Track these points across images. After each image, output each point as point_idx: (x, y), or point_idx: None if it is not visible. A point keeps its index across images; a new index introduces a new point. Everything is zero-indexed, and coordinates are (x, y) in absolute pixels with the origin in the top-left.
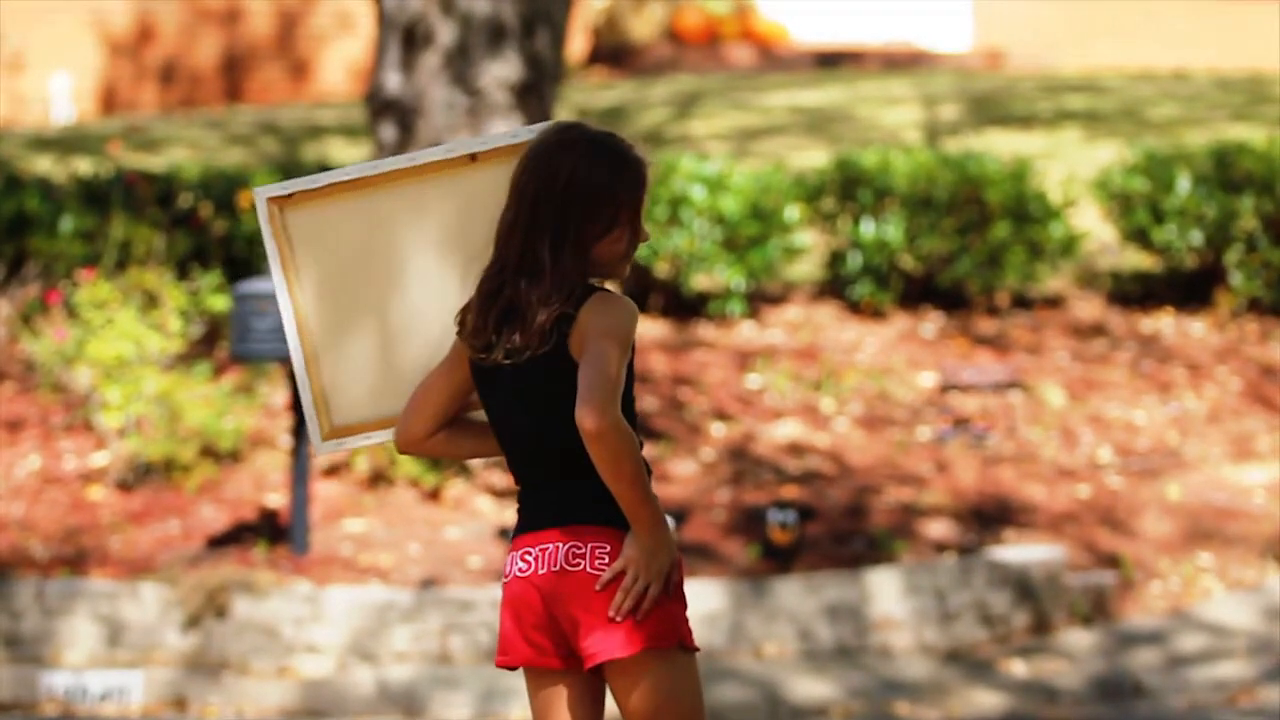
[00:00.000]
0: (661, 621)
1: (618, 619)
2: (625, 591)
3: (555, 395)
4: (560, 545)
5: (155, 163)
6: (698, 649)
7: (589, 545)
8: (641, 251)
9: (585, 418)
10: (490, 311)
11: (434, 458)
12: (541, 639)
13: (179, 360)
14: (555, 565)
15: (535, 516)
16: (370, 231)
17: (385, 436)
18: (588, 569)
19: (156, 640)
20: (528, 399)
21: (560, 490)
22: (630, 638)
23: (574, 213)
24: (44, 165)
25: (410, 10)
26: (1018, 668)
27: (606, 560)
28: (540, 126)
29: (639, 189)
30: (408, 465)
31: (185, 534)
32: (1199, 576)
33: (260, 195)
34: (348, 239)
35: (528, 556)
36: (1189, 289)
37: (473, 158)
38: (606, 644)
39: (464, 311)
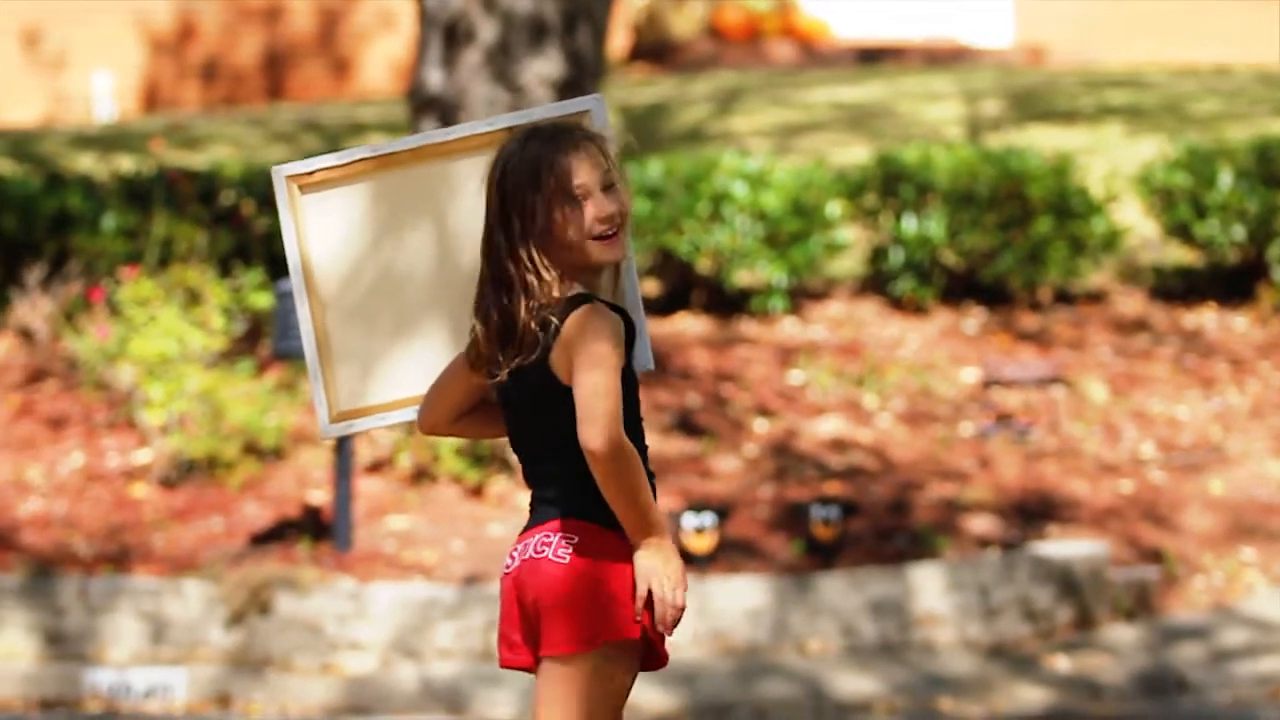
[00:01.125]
0: (621, 615)
1: (668, 634)
2: (662, 602)
3: (545, 403)
4: (535, 537)
5: (197, 160)
6: (634, 637)
7: (558, 535)
8: (683, 248)
9: (588, 439)
10: (493, 338)
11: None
12: (517, 635)
13: (221, 357)
14: (526, 556)
15: (533, 516)
16: (393, 210)
17: (396, 418)
18: (550, 556)
19: (200, 637)
20: (524, 405)
21: (554, 491)
22: (581, 630)
23: (512, 215)
24: (86, 163)
25: (452, 7)
26: (1061, 663)
27: (570, 549)
28: (578, 102)
29: (558, 165)
30: (450, 462)
31: (228, 531)
32: (1242, 571)
33: (279, 173)
34: (370, 217)
35: (514, 553)
36: (1231, 284)
37: (509, 131)
38: (551, 639)
39: (472, 345)
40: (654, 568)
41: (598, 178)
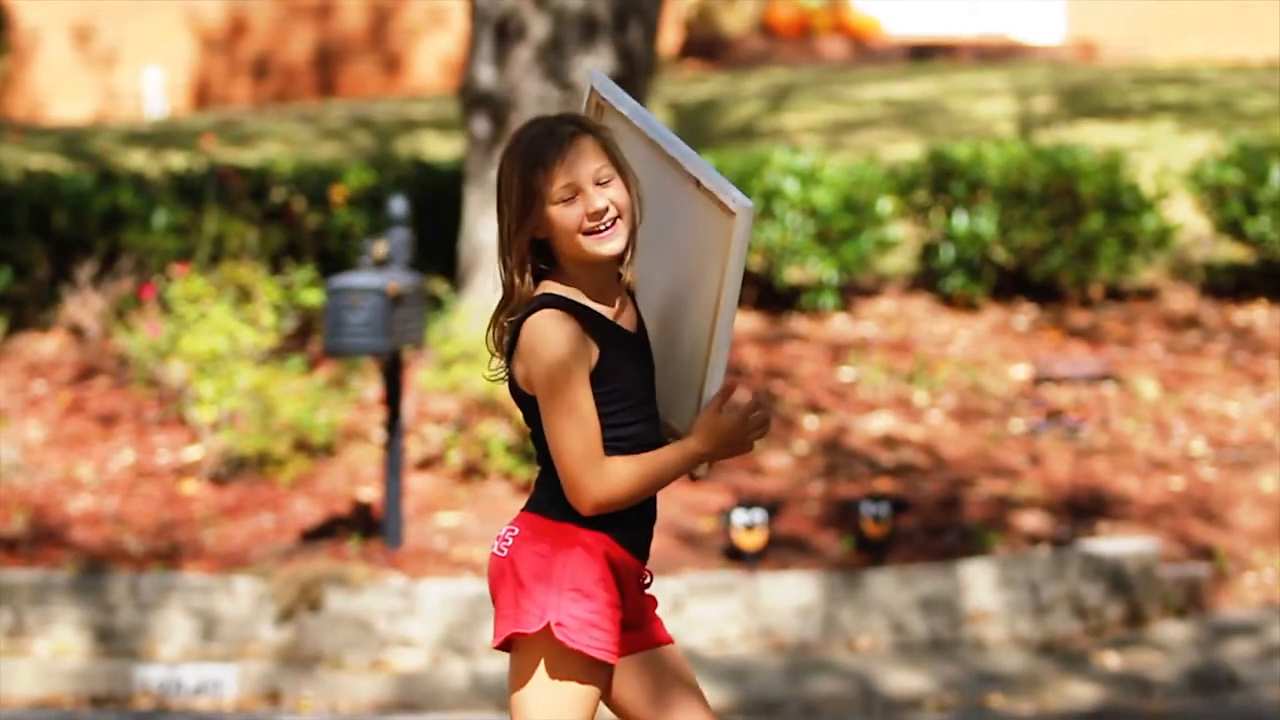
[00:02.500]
0: (528, 607)
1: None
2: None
3: (523, 406)
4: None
5: (248, 157)
6: (578, 650)
7: (511, 529)
8: None
9: (572, 503)
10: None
11: None
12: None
13: (272, 354)
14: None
15: None
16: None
17: None
18: (495, 550)
19: (250, 634)
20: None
21: (535, 485)
22: (500, 625)
23: (505, 212)
24: (137, 160)
25: (503, 4)
26: (1111, 660)
27: (509, 543)
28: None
29: (547, 161)
30: (501, 459)
31: (279, 528)
32: None
33: (596, 77)
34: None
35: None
36: None
37: (696, 183)
38: (499, 626)
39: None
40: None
41: (590, 172)
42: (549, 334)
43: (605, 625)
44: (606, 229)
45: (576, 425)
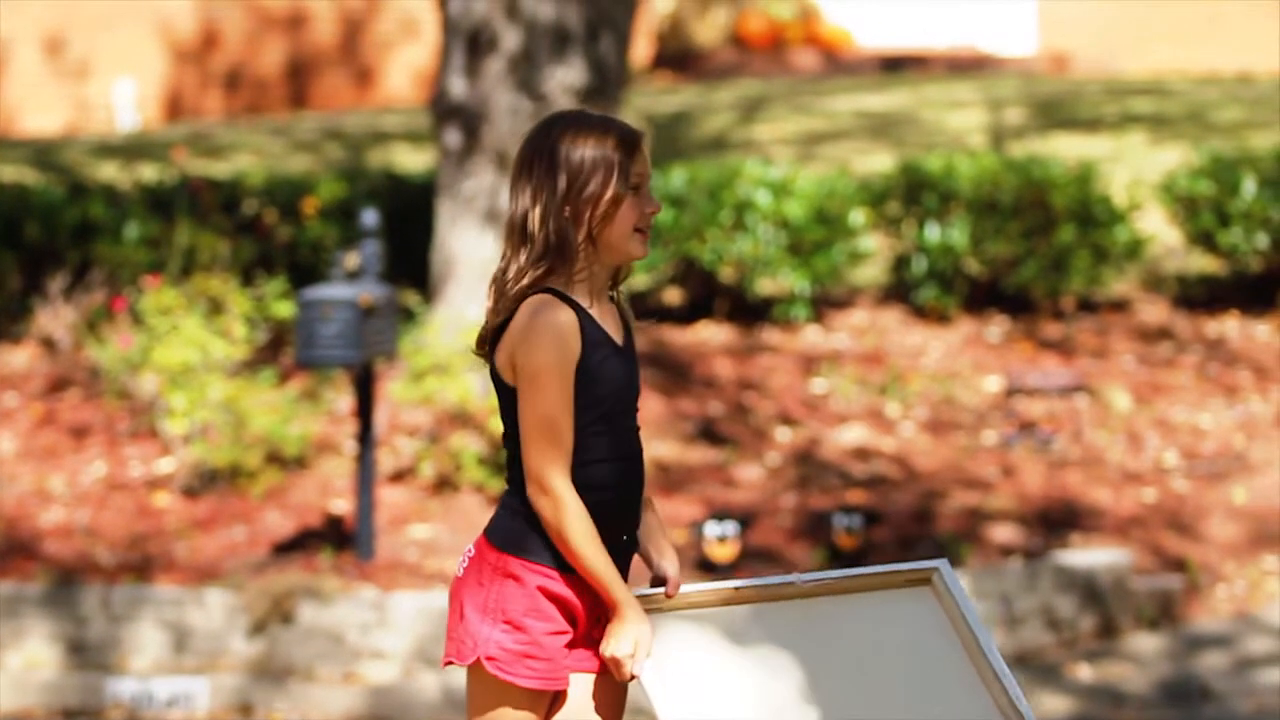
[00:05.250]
0: (464, 638)
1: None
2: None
3: (501, 400)
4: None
5: (220, 169)
6: (509, 681)
7: (468, 548)
8: (706, 256)
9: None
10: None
11: None
12: None
13: (244, 367)
14: None
15: None
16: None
17: None
18: (458, 570)
19: (222, 646)
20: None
21: (502, 498)
22: (446, 646)
23: (557, 181)
24: (109, 172)
25: (475, 16)
26: (1084, 672)
27: (465, 564)
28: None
29: (636, 139)
30: (473, 471)
31: (251, 540)
32: (1265, 580)
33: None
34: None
35: None
36: (1255, 292)
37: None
38: (446, 648)
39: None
40: (610, 626)
41: (647, 173)
42: (548, 325)
43: (541, 654)
44: (646, 230)
45: (548, 419)
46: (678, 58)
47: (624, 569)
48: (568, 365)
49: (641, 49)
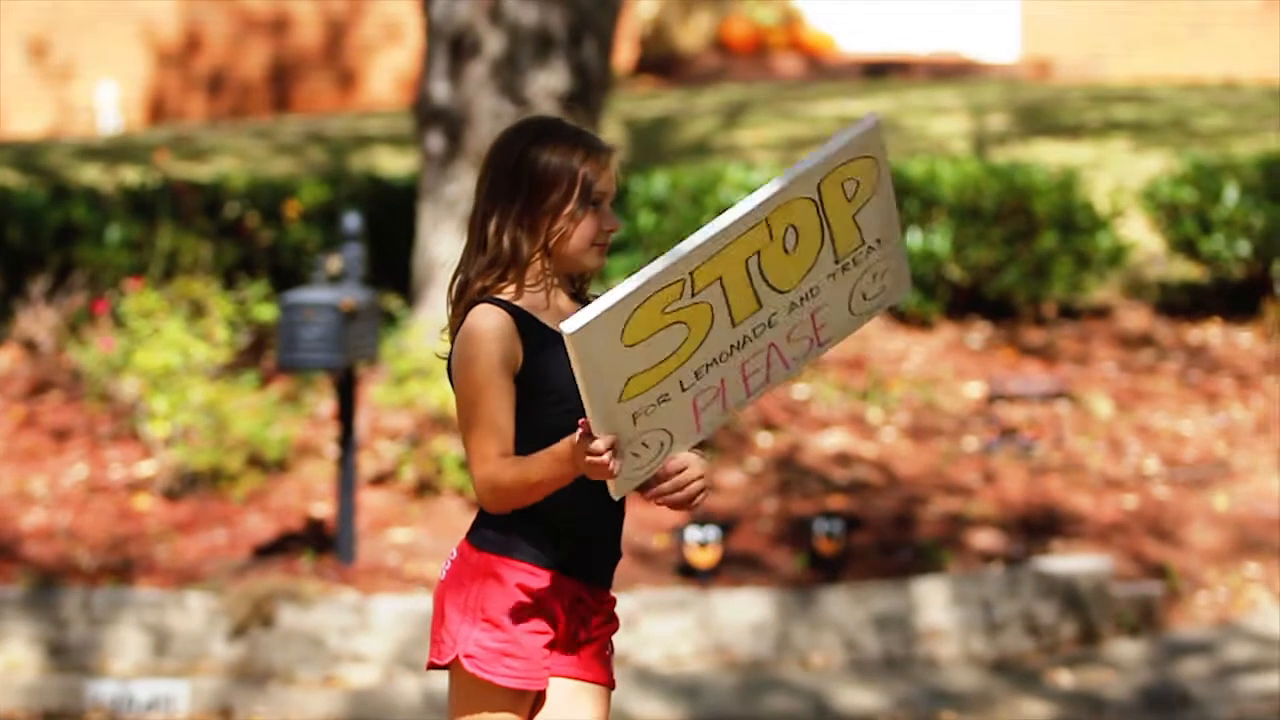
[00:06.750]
0: (444, 638)
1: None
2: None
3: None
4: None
5: (202, 172)
6: (487, 680)
7: (451, 552)
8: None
9: (479, 500)
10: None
11: None
12: None
13: (226, 370)
14: None
15: None
16: None
17: None
18: (440, 573)
19: (203, 650)
20: None
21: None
22: (430, 649)
23: (517, 188)
24: (91, 175)
25: (458, 20)
26: (1064, 678)
27: (448, 567)
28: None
29: (600, 153)
30: (454, 475)
31: (232, 543)
32: (1246, 587)
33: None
34: None
35: None
36: (1236, 299)
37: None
38: (430, 650)
39: None
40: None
41: (610, 190)
42: (477, 326)
43: (520, 653)
44: (606, 245)
45: (481, 423)
46: (660, 63)
47: (592, 572)
48: (497, 371)
49: (624, 54)
